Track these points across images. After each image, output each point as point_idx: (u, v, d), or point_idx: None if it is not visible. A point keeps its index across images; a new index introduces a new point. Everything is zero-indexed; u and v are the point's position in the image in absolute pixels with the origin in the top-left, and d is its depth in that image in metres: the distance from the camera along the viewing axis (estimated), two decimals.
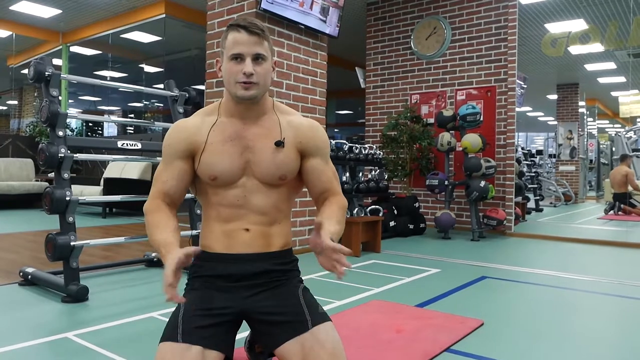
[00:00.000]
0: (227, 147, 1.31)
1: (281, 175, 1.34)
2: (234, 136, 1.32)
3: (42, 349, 1.79)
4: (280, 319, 1.27)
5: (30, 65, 2.56)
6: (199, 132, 1.33)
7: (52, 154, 2.45)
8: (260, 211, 1.33)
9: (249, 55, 1.26)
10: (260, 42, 1.27)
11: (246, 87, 1.26)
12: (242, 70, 1.25)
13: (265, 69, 1.28)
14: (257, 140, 1.33)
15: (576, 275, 3.26)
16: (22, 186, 6.81)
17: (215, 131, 1.33)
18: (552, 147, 13.22)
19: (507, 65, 5.27)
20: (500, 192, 5.30)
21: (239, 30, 1.26)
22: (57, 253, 2.37)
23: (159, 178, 1.37)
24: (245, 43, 1.25)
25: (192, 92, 3.25)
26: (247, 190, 1.33)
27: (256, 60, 1.27)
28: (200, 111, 1.40)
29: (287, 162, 1.34)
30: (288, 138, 1.35)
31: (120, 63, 10.32)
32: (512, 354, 1.81)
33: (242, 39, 1.26)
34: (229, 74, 1.27)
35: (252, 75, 1.25)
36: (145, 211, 1.34)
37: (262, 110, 1.35)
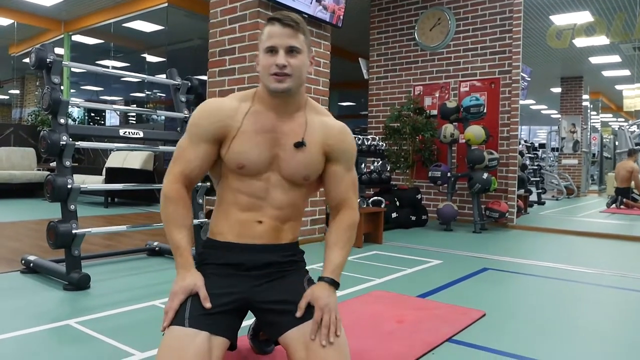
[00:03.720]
0: (258, 138, 1.30)
1: (305, 175, 1.35)
2: (266, 128, 1.31)
3: (43, 336, 1.79)
4: (286, 307, 1.27)
5: (32, 52, 2.54)
6: (234, 117, 1.30)
7: (54, 141, 2.44)
8: (278, 206, 1.34)
9: (282, 47, 1.25)
10: (294, 34, 1.26)
11: (279, 80, 1.25)
12: (276, 62, 1.24)
13: (299, 62, 1.27)
14: (288, 137, 1.32)
15: (578, 268, 3.25)
16: (24, 175, 6.81)
17: (250, 119, 1.31)
18: (555, 140, 13.18)
19: (512, 57, 5.23)
20: (503, 185, 5.28)
21: (274, 23, 1.26)
22: (58, 241, 2.37)
23: (184, 156, 1.33)
24: (279, 35, 1.25)
25: (195, 81, 3.23)
26: (270, 184, 1.32)
27: (290, 52, 1.26)
28: (234, 96, 1.37)
29: (313, 163, 1.35)
30: (316, 139, 1.34)
31: (123, 52, 10.29)
32: (513, 345, 1.81)
33: (276, 32, 1.25)
34: (264, 67, 1.27)
35: (285, 67, 1.24)
36: (165, 197, 1.31)
37: (297, 106, 1.35)
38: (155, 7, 7.28)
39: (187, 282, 1.24)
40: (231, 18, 3.68)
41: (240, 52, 3.62)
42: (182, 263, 1.27)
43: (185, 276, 1.25)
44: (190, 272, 1.26)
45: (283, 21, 1.25)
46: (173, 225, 1.29)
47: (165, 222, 1.30)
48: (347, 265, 1.43)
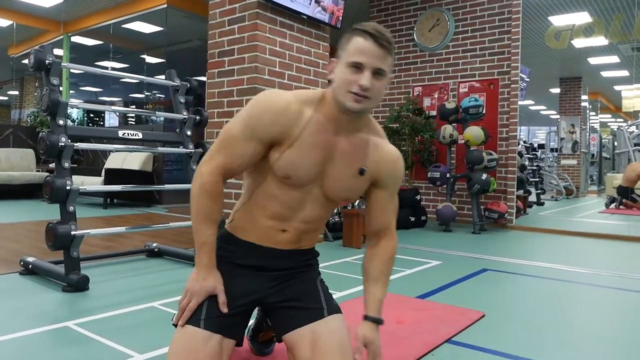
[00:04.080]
0: (313, 152, 1.22)
1: (347, 197, 1.34)
2: (323, 143, 1.23)
3: (42, 338, 1.79)
4: (299, 305, 1.30)
5: (31, 53, 2.54)
6: (295, 125, 1.21)
7: (53, 142, 2.44)
8: (307, 220, 1.31)
9: (370, 67, 1.15)
10: (385, 56, 1.16)
11: (357, 100, 1.16)
12: (359, 81, 1.14)
13: (381, 85, 1.18)
14: (342, 156, 1.26)
15: (577, 268, 3.25)
16: (23, 176, 6.80)
17: (309, 129, 1.22)
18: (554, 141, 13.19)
19: (510, 57, 5.23)
20: (502, 185, 5.29)
21: (366, 38, 1.15)
22: (57, 242, 2.37)
23: (232, 148, 1.22)
24: (370, 54, 1.15)
25: (194, 82, 3.23)
26: (308, 197, 1.28)
27: (376, 74, 1.16)
28: (299, 96, 1.25)
29: (358, 186, 1.31)
30: (370, 164, 1.29)
31: (122, 53, 10.27)
32: (512, 346, 1.81)
33: (367, 49, 1.15)
34: (343, 81, 1.16)
35: (368, 90, 1.15)
36: (202, 188, 1.22)
37: (360, 126, 1.28)
38: (154, 8, 7.28)
39: (209, 283, 1.22)
40: (230, 19, 3.69)
41: (240, 54, 3.62)
42: (206, 262, 1.23)
43: (207, 276, 1.22)
44: (212, 273, 1.23)
45: (378, 40, 1.14)
46: (204, 219, 1.22)
47: (196, 214, 1.23)
48: (346, 266, 1.44)
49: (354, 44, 1.16)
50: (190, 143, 3.11)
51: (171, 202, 6.56)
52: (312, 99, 1.25)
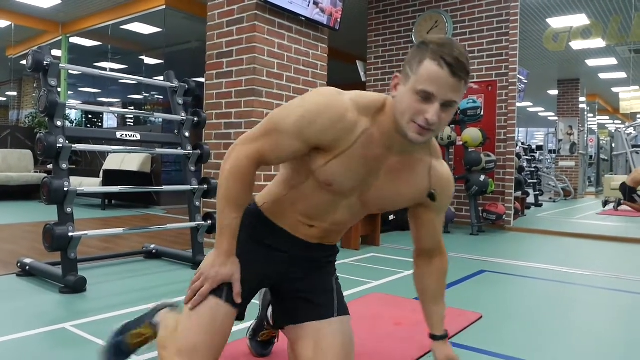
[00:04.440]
0: (360, 165, 1.15)
1: (386, 210, 1.33)
2: (372, 157, 1.15)
3: (39, 339, 1.78)
4: (311, 298, 1.30)
5: (29, 54, 2.53)
6: (348, 135, 1.11)
7: (50, 144, 2.43)
8: (337, 222, 1.28)
9: (440, 100, 1.02)
10: (459, 87, 1.03)
11: (421, 133, 1.06)
12: (426, 114, 1.03)
13: (449, 115, 1.06)
14: (389, 173, 1.18)
15: (575, 270, 3.26)
16: (20, 177, 6.79)
17: (361, 142, 1.12)
18: (552, 142, 13.22)
19: (509, 59, 5.24)
20: (500, 187, 5.29)
21: (442, 66, 1.01)
22: (54, 243, 2.37)
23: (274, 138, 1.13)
24: (443, 85, 1.01)
25: (192, 83, 3.23)
26: (343, 203, 1.23)
27: (445, 106, 1.04)
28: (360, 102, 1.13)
29: (399, 202, 1.26)
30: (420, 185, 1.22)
31: (120, 54, 10.27)
32: (510, 347, 1.81)
33: (441, 78, 1.01)
34: (408, 108, 1.04)
35: (433, 124, 1.04)
36: (234, 168, 1.15)
37: (415, 147, 1.18)
38: (153, 10, 7.29)
39: (225, 270, 1.17)
40: (229, 21, 3.69)
41: (238, 55, 3.63)
42: (226, 247, 1.17)
43: (225, 262, 1.17)
44: (231, 260, 1.18)
45: (454, 69, 1.01)
46: (231, 202, 1.16)
47: (224, 196, 1.16)
48: (344, 267, 1.46)
49: (426, 69, 1.02)
50: (189, 144, 3.11)
51: (169, 203, 6.55)
52: (371, 106, 1.14)
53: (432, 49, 1.02)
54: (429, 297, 1.38)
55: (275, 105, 3.69)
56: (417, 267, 1.41)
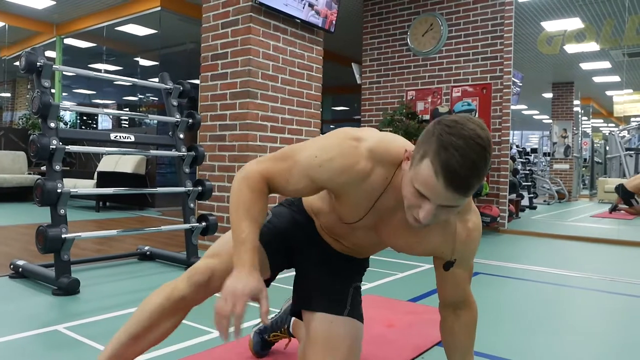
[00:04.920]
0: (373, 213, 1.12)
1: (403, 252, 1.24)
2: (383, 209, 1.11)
3: (31, 341, 1.77)
4: (325, 286, 1.30)
5: (22, 55, 2.53)
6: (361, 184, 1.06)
7: (44, 145, 2.42)
8: (360, 245, 1.30)
9: (435, 203, 0.93)
10: (460, 198, 0.92)
11: (417, 222, 0.99)
12: (420, 210, 0.95)
13: (450, 212, 0.97)
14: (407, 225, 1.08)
15: (568, 272, 3.27)
16: (14, 179, 6.75)
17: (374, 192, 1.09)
18: (546, 145, 13.28)
19: (503, 62, 5.27)
20: (495, 189, 5.31)
21: (437, 177, 0.89)
22: (48, 245, 2.35)
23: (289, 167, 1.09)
24: (438, 195, 0.91)
25: (186, 85, 3.23)
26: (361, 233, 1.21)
27: (444, 208, 0.95)
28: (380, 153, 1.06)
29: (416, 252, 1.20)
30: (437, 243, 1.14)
31: (115, 56, 10.24)
32: (504, 349, 1.81)
33: (434, 189, 0.91)
34: (406, 196, 0.98)
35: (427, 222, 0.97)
36: (246, 180, 1.09)
37: None
38: (148, 11, 7.27)
39: (254, 283, 1.00)
40: (224, 22, 3.69)
41: (233, 57, 3.63)
42: (248, 259, 1.03)
43: (251, 274, 1.01)
44: (255, 274, 1.02)
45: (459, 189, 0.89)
46: (246, 214, 1.06)
47: (236, 207, 1.07)
48: None
49: (423, 170, 0.91)
50: (183, 146, 3.10)
51: (164, 205, 6.53)
52: (390, 159, 1.07)
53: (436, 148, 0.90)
54: (457, 352, 1.32)
55: (270, 107, 3.70)
56: (443, 319, 1.32)
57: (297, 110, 3.93)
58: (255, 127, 3.58)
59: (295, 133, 3.91)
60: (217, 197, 3.66)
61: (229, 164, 3.64)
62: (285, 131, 3.83)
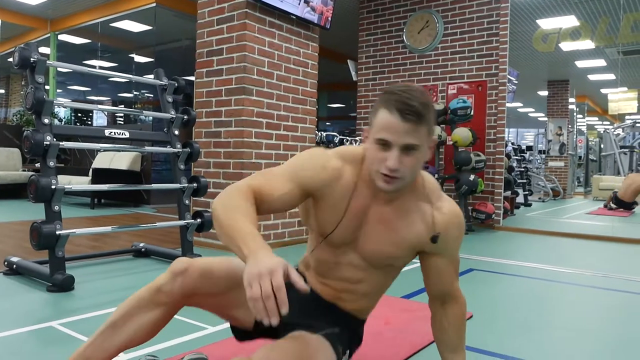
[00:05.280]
0: (350, 215, 1.18)
1: (388, 263, 1.25)
2: (360, 209, 1.18)
3: (26, 337, 1.77)
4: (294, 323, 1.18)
5: (15, 51, 2.51)
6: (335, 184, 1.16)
7: (38, 141, 2.41)
8: (346, 280, 1.26)
9: (397, 145, 1.05)
10: (414, 129, 1.04)
11: (387, 181, 1.08)
12: (387, 162, 1.05)
13: (414, 160, 1.07)
14: (380, 222, 1.18)
15: (562, 268, 3.29)
16: (8, 176, 6.71)
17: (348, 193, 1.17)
18: (542, 143, 13.33)
19: (499, 60, 5.28)
20: (490, 186, 5.33)
21: (392, 112, 1.04)
22: (42, 242, 2.34)
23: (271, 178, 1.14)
24: (396, 131, 1.04)
25: (181, 81, 3.21)
26: (346, 260, 1.24)
27: (405, 150, 1.06)
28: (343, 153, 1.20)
29: (398, 252, 1.21)
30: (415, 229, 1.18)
31: (110, 52, 10.19)
32: (499, 345, 1.82)
33: (393, 125, 1.04)
34: (372, 159, 1.09)
35: (396, 171, 1.06)
36: (235, 189, 1.08)
37: (403, 192, 1.18)
38: (143, 7, 7.23)
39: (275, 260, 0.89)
40: (219, 19, 3.68)
41: (228, 53, 3.61)
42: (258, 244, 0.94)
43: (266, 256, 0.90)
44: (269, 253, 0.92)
45: (404, 114, 1.03)
46: (238, 214, 1.01)
47: (226, 211, 1.02)
48: None
49: (380, 118, 1.06)
50: (178, 142, 3.09)
51: (159, 202, 6.52)
52: (352, 156, 1.19)
53: (385, 98, 1.07)
54: (448, 349, 1.32)
55: (265, 103, 3.69)
56: (433, 315, 1.35)
57: (292, 107, 3.92)
58: (251, 123, 3.58)
59: (290, 130, 3.91)
60: (213, 193, 3.65)
61: (224, 160, 3.63)
62: (281, 128, 3.83)
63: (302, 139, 3.99)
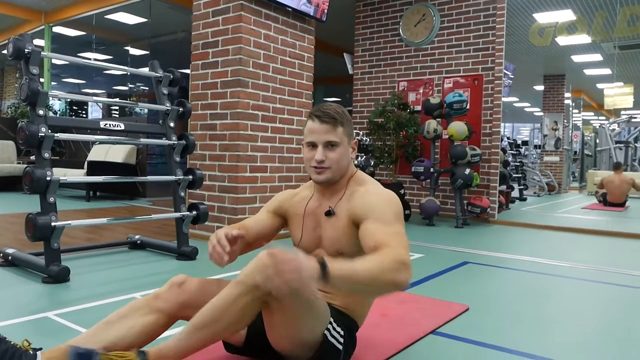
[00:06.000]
0: (308, 220, 1.47)
1: (337, 249, 1.39)
2: (311, 211, 1.47)
3: (22, 328, 1.77)
4: None
5: (9, 42, 2.49)
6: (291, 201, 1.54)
7: (32, 133, 2.40)
8: None
9: (320, 142, 1.37)
10: (332, 129, 1.36)
11: (318, 172, 1.39)
12: (315, 157, 1.37)
13: (337, 154, 1.38)
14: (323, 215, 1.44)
15: (557, 262, 3.32)
16: (3, 168, 6.68)
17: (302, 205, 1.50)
18: (537, 137, 13.37)
19: (495, 53, 5.28)
20: (485, 180, 5.35)
21: (314, 119, 1.38)
22: (37, 233, 2.34)
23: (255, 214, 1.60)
24: (317, 132, 1.37)
25: (177, 73, 3.20)
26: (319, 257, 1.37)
27: (328, 147, 1.37)
28: (304, 185, 1.59)
29: (339, 235, 1.39)
30: (342, 209, 1.40)
31: (105, 45, 10.11)
32: (494, 336, 1.84)
33: (315, 128, 1.37)
34: (306, 160, 1.42)
35: (322, 162, 1.37)
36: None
37: (338, 187, 1.45)
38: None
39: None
40: (214, 11, 3.66)
41: (224, 45, 3.60)
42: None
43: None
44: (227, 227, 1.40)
45: (322, 118, 1.36)
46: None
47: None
48: None
49: (307, 128, 1.40)
50: (174, 135, 3.09)
51: (155, 195, 6.50)
52: (311, 183, 1.53)
53: (309, 114, 1.42)
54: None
55: (261, 96, 3.68)
56: None
57: (288, 100, 3.92)
58: (246, 116, 3.57)
59: (286, 122, 3.91)
60: (208, 186, 3.65)
61: (219, 153, 3.63)
62: (277, 120, 3.82)
63: (298, 132, 3.99)
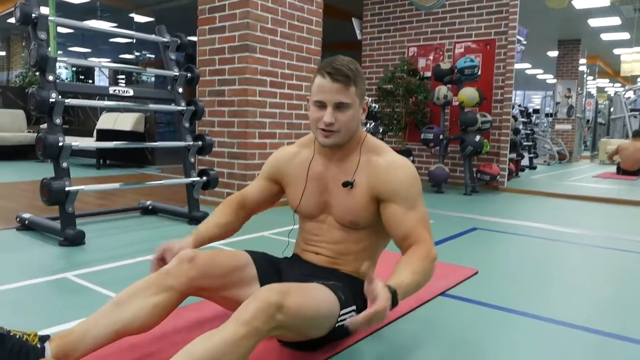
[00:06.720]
0: (311, 185, 1.39)
1: (352, 220, 1.35)
2: (317, 176, 1.38)
3: (43, 287, 1.83)
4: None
5: (16, 7, 2.47)
6: (289, 164, 1.45)
7: (43, 98, 2.41)
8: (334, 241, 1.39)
9: (330, 103, 1.25)
10: (344, 89, 1.24)
11: (326, 135, 1.28)
12: (324, 118, 1.26)
13: (348, 116, 1.27)
14: (335, 182, 1.36)
15: (566, 229, 3.32)
16: (14, 137, 6.74)
17: (304, 166, 1.41)
18: (549, 105, 13.11)
19: (508, 17, 5.14)
20: (495, 148, 5.31)
21: (324, 76, 1.25)
22: (52, 197, 2.39)
23: (250, 185, 1.55)
24: (328, 91, 1.24)
25: (184, 38, 3.17)
26: (326, 225, 1.40)
27: (338, 108, 1.25)
28: (301, 141, 1.48)
29: (358, 208, 1.33)
30: (363, 181, 1.32)
31: (109, 12, 9.98)
32: (501, 298, 1.87)
33: (325, 86, 1.25)
34: (312, 119, 1.30)
35: (332, 124, 1.26)
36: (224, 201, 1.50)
37: (347, 152, 1.36)
38: None
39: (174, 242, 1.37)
40: None
41: (230, 9, 3.54)
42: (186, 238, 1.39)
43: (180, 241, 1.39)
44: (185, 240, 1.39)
45: (333, 76, 1.23)
46: (210, 217, 1.44)
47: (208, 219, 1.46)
48: None
49: (315, 84, 1.28)
50: (182, 100, 3.08)
51: (164, 162, 6.55)
52: (310, 140, 1.44)
53: (319, 67, 1.29)
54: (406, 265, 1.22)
55: (269, 61, 3.64)
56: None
57: (296, 65, 3.87)
58: (255, 82, 3.55)
59: (295, 88, 3.88)
60: (217, 152, 3.67)
61: (228, 119, 3.62)
62: (285, 86, 3.79)
63: (306, 98, 3.96)
